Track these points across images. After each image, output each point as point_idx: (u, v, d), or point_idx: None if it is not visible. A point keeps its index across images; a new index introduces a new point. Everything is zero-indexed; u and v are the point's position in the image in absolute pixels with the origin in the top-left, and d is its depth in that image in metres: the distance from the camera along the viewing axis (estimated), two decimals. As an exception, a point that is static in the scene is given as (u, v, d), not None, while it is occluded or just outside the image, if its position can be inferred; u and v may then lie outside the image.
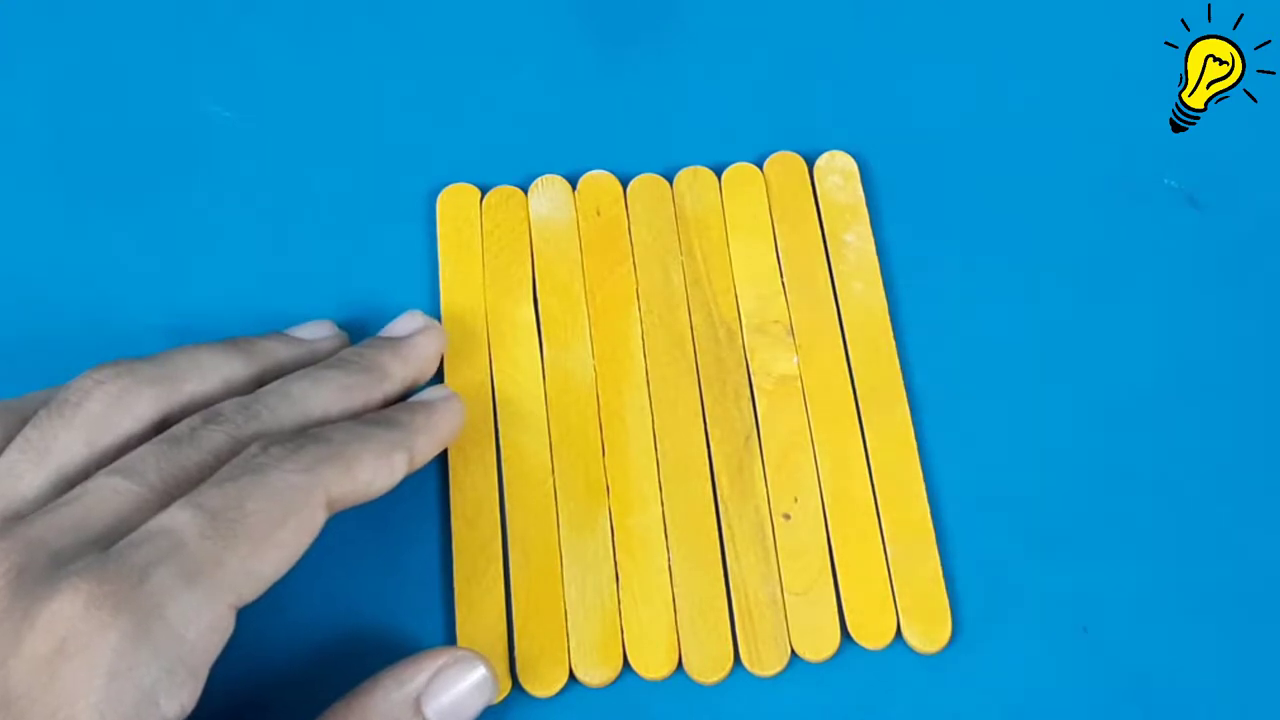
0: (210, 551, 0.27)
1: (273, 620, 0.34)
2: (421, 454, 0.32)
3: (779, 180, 0.39)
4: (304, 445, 0.30)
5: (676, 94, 0.41)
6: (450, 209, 0.38)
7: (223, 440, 0.30)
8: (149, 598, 0.26)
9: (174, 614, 0.26)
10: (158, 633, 0.26)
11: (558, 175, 0.39)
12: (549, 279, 0.37)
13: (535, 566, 0.34)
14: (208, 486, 0.28)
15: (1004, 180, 0.39)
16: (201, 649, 0.27)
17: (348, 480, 0.30)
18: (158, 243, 0.38)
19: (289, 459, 0.29)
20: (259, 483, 0.29)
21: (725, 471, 0.35)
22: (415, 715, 0.30)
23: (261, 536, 0.28)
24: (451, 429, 0.34)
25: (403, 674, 0.30)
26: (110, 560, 0.26)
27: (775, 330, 0.36)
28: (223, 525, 0.27)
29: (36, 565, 0.27)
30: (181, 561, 0.27)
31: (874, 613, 0.33)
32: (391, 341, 0.35)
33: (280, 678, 0.33)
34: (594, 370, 0.36)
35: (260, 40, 0.42)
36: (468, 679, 0.31)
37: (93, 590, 0.26)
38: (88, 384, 0.31)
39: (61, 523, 0.28)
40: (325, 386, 0.32)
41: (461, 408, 0.34)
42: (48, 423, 0.30)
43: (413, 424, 0.32)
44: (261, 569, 0.28)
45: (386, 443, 0.31)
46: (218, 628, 0.27)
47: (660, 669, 0.33)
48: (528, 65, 0.41)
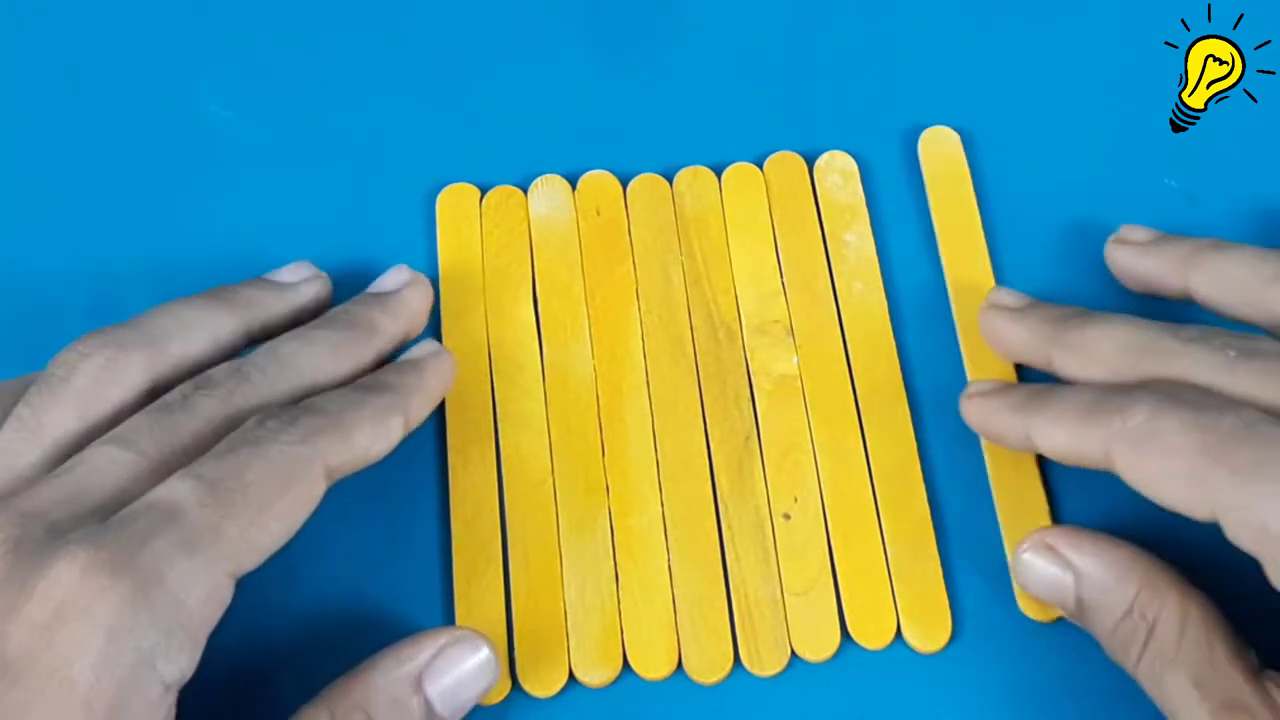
0: (209, 520, 0.27)
1: (273, 617, 0.34)
2: (416, 415, 0.32)
3: (779, 180, 0.39)
4: (300, 416, 0.30)
5: (677, 94, 0.41)
6: (450, 209, 0.38)
7: (216, 406, 0.30)
8: (148, 564, 0.26)
9: (173, 580, 0.26)
10: (156, 597, 0.26)
11: (557, 175, 0.39)
12: (549, 279, 0.37)
13: (535, 567, 0.34)
14: (207, 458, 0.28)
15: (1004, 180, 0.39)
16: (200, 616, 0.27)
17: (345, 449, 0.30)
18: (158, 242, 0.39)
19: (286, 430, 0.29)
20: (257, 454, 0.29)
21: (725, 472, 0.35)
22: (416, 694, 0.30)
23: (261, 506, 0.28)
24: (443, 385, 0.34)
25: (404, 652, 0.30)
26: (109, 529, 0.27)
27: (775, 330, 0.36)
28: (222, 495, 0.28)
29: (34, 536, 0.27)
30: (181, 530, 0.27)
31: (874, 613, 0.33)
32: (380, 297, 0.35)
33: (280, 675, 0.33)
34: (594, 370, 0.36)
35: (261, 40, 0.42)
36: (471, 659, 0.31)
37: (91, 557, 0.26)
38: (73, 357, 0.31)
39: (57, 494, 0.28)
40: (316, 346, 0.32)
41: (451, 362, 0.34)
42: (38, 399, 0.30)
43: (404, 385, 0.32)
44: (261, 539, 0.28)
45: (381, 408, 0.31)
46: (216, 596, 0.27)
47: (660, 669, 0.33)
48: (528, 65, 0.41)
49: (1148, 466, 0.28)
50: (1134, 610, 0.30)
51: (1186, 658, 0.29)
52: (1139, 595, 0.30)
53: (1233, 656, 0.28)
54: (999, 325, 0.34)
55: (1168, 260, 0.34)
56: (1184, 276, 0.33)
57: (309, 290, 0.35)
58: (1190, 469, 0.28)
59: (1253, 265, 0.32)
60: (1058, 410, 0.31)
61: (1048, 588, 0.31)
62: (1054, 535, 0.31)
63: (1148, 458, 0.28)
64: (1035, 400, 0.31)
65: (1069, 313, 0.33)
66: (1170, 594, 0.30)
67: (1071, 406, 0.30)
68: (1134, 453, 0.29)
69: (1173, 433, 0.28)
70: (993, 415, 0.32)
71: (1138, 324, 0.31)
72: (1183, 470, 0.28)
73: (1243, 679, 0.28)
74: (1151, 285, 0.35)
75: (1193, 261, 0.33)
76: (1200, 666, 0.28)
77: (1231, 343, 0.30)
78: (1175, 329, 0.31)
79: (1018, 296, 0.35)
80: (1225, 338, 0.30)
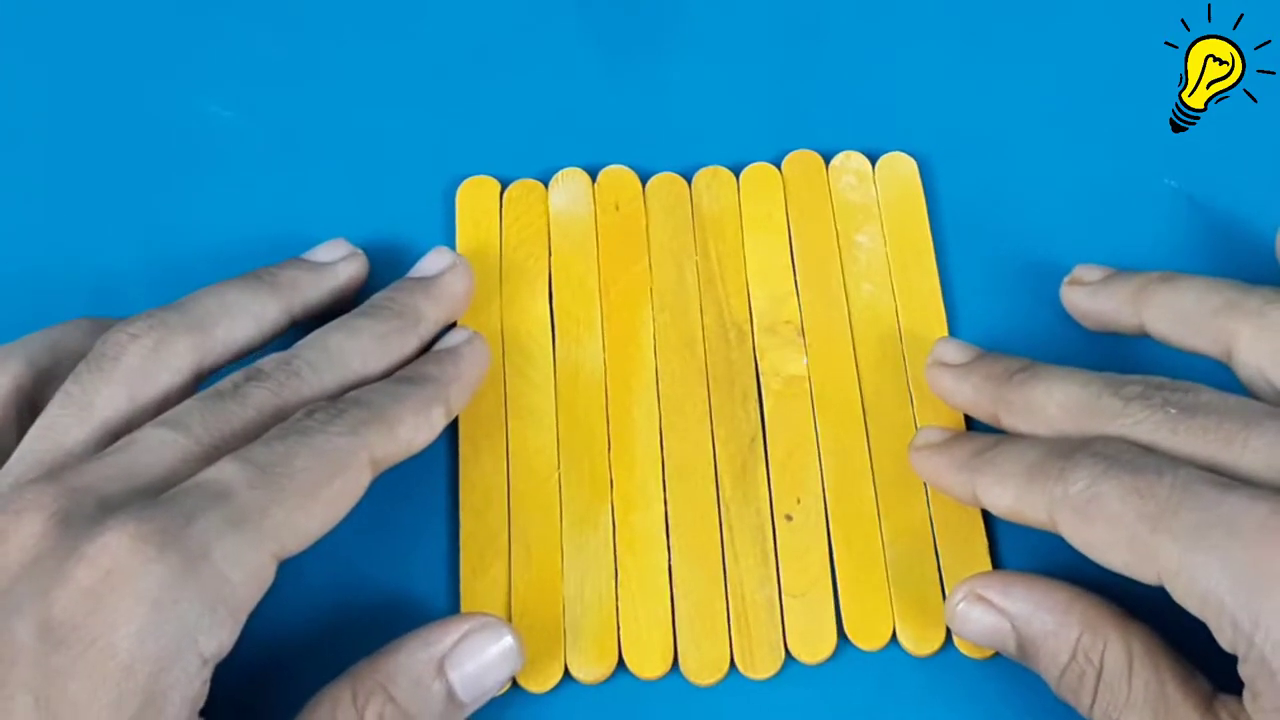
0: (257, 501, 0.28)
1: (283, 603, 0.34)
2: (457, 404, 0.33)
3: (797, 179, 0.38)
4: (347, 409, 0.31)
5: (696, 92, 0.41)
6: (470, 201, 0.38)
7: (266, 397, 0.31)
8: (195, 539, 0.27)
9: (219, 556, 0.27)
10: (203, 571, 0.27)
11: (578, 169, 0.39)
12: (564, 273, 0.37)
13: (536, 560, 0.34)
14: (256, 444, 0.29)
15: (1004, 179, 0.39)
16: (243, 593, 0.27)
17: (390, 440, 0.31)
18: (160, 242, 0.38)
19: (334, 422, 0.30)
20: (306, 443, 0.29)
21: (729, 473, 0.35)
22: (438, 678, 0.30)
23: (308, 493, 0.29)
24: (480, 373, 0.35)
25: (429, 635, 0.31)
26: (159, 504, 0.27)
27: (786, 331, 0.36)
28: (270, 479, 0.28)
29: (84, 509, 0.27)
30: (229, 509, 0.28)
31: (871, 615, 0.33)
32: (422, 283, 0.35)
33: (281, 670, 0.33)
34: (604, 366, 0.36)
35: (274, 37, 0.42)
36: (494, 647, 0.31)
37: (140, 529, 0.27)
38: (122, 338, 0.31)
39: (109, 471, 0.29)
40: (361, 337, 0.33)
41: (486, 349, 0.35)
42: (88, 377, 0.31)
43: (445, 376, 0.33)
44: (306, 524, 0.29)
45: (424, 399, 0.32)
46: (260, 575, 0.28)
47: (655, 669, 0.33)
48: (548, 61, 0.41)
49: (1091, 534, 0.29)
50: (1078, 654, 0.30)
51: (1138, 699, 0.29)
52: (1080, 638, 0.30)
53: (1185, 689, 0.28)
54: (944, 383, 0.34)
55: (1119, 298, 0.34)
56: (1137, 313, 0.34)
57: (347, 269, 0.36)
58: (1132, 537, 0.28)
59: (1200, 296, 0.32)
60: (1001, 472, 0.31)
61: (987, 637, 0.31)
62: (984, 584, 0.31)
63: (1090, 525, 0.29)
64: (980, 459, 0.31)
65: (1013, 368, 0.33)
66: (1112, 633, 0.29)
67: (1015, 467, 0.30)
68: (1077, 519, 0.29)
69: (1113, 499, 0.28)
70: (940, 472, 0.33)
71: (1081, 380, 0.32)
72: (1124, 539, 0.28)
73: (1198, 714, 0.28)
74: (1107, 324, 0.35)
75: (1143, 297, 0.33)
76: (1154, 706, 0.28)
77: (1172, 399, 0.30)
78: (1119, 384, 0.31)
79: (962, 350, 0.35)
80: (1167, 393, 0.30)
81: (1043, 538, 0.33)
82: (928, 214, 0.38)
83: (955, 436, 0.33)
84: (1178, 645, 0.29)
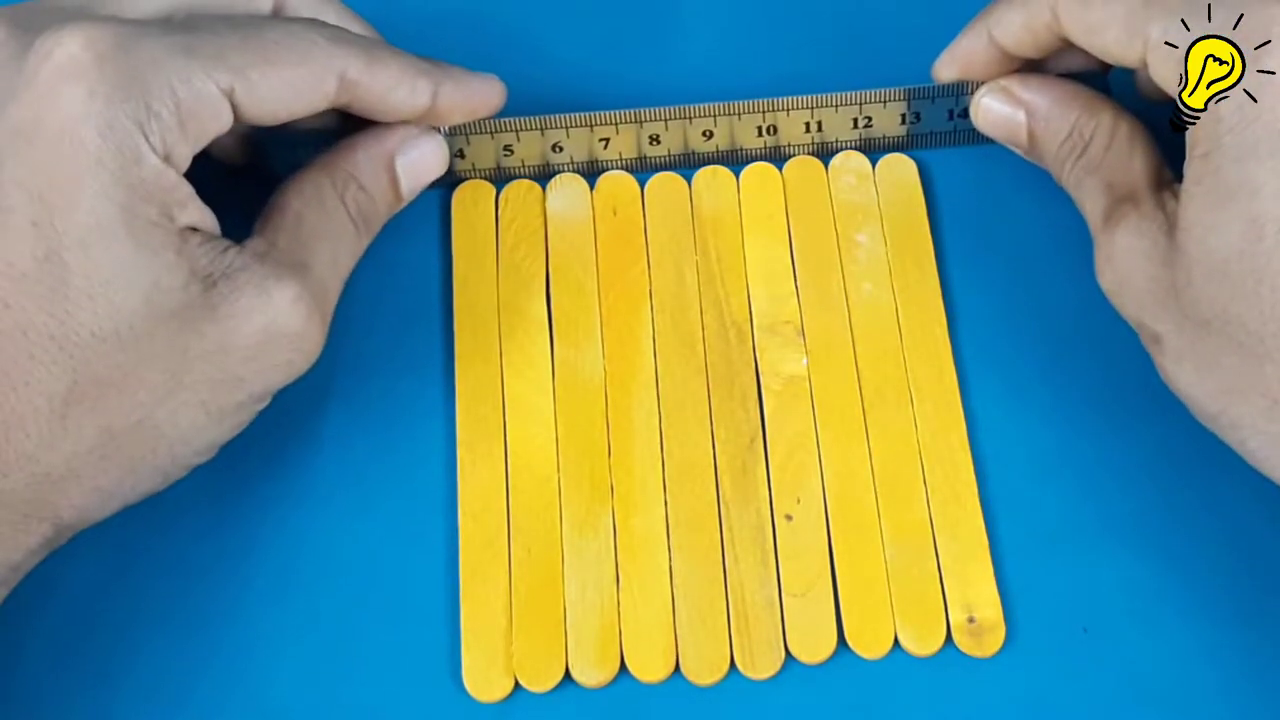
0: (217, 43, 0.29)
1: (277, 611, 0.34)
2: (446, 99, 0.34)
3: (797, 179, 0.38)
4: (339, 30, 0.32)
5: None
6: (466, 202, 0.38)
7: None
8: (147, 50, 0.28)
9: (170, 69, 0.28)
10: (150, 78, 0.28)
11: (576, 175, 0.39)
12: (562, 276, 0.37)
13: (537, 563, 0.34)
14: (239, 16, 0.32)
15: (1004, 179, 0.39)
16: (188, 107, 0.29)
17: (368, 73, 0.32)
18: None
19: (320, 29, 0.31)
20: (283, 26, 0.31)
21: (729, 474, 0.35)
22: (388, 169, 0.34)
23: (269, 59, 0.30)
24: (484, 98, 0.35)
25: (378, 133, 0.34)
26: (117, 21, 0.29)
27: (786, 331, 0.36)
28: (236, 32, 0.30)
29: (42, 19, 0.29)
30: (187, 38, 0.29)
31: (871, 616, 0.33)
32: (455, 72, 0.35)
33: (281, 670, 0.33)
34: (603, 369, 0.36)
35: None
36: (430, 142, 0.34)
37: (93, 32, 0.28)
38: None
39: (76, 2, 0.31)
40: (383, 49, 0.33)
41: (501, 89, 0.35)
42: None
43: (448, 70, 0.34)
44: (261, 83, 0.30)
45: (416, 67, 0.33)
46: (208, 101, 0.29)
47: (657, 672, 0.33)
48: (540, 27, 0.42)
49: (1089, 16, 0.31)
50: (1074, 132, 0.34)
51: (1107, 164, 0.33)
52: (1078, 119, 0.34)
53: (1148, 167, 0.32)
54: None
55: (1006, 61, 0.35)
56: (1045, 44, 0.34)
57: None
58: (1128, 12, 0.30)
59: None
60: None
61: (1002, 127, 0.35)
62: (1008, 78, 0.35)
63: (1088, 8, 0.31)
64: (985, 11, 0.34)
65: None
66: (1105, 114, 0.34)
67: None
68: (1078, 5, 0.31)
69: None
70: (958, 49, 0.35)
71: None
72: (1121, 14, 0.31)
73: (1147, 182, 0.32)
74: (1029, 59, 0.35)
75: None
76: (1115, 171, 0.33)
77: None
78: None
79: None
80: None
81: (1043, 538, 0.34)
82: (928, 214, 0.38)
83: None
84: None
